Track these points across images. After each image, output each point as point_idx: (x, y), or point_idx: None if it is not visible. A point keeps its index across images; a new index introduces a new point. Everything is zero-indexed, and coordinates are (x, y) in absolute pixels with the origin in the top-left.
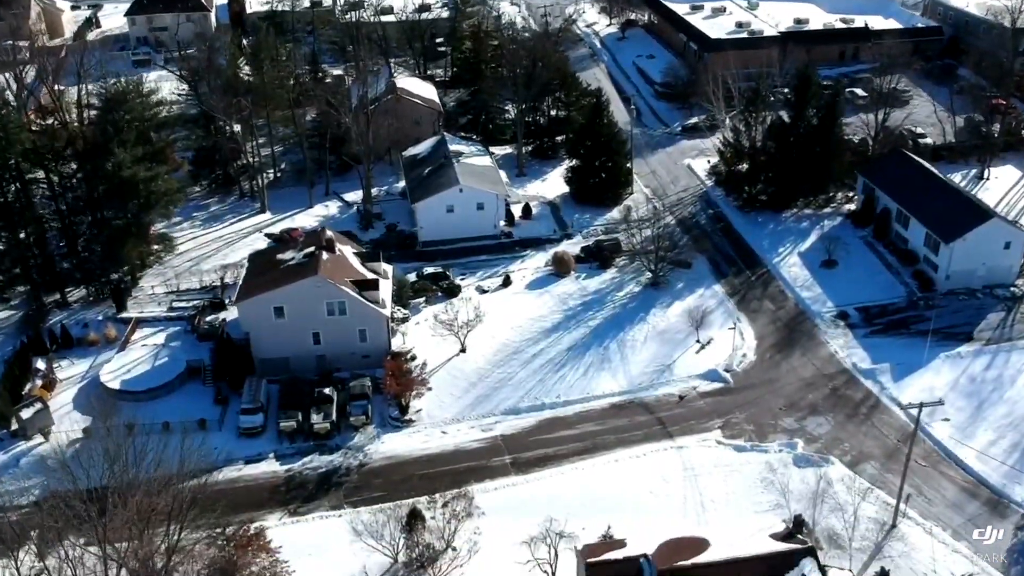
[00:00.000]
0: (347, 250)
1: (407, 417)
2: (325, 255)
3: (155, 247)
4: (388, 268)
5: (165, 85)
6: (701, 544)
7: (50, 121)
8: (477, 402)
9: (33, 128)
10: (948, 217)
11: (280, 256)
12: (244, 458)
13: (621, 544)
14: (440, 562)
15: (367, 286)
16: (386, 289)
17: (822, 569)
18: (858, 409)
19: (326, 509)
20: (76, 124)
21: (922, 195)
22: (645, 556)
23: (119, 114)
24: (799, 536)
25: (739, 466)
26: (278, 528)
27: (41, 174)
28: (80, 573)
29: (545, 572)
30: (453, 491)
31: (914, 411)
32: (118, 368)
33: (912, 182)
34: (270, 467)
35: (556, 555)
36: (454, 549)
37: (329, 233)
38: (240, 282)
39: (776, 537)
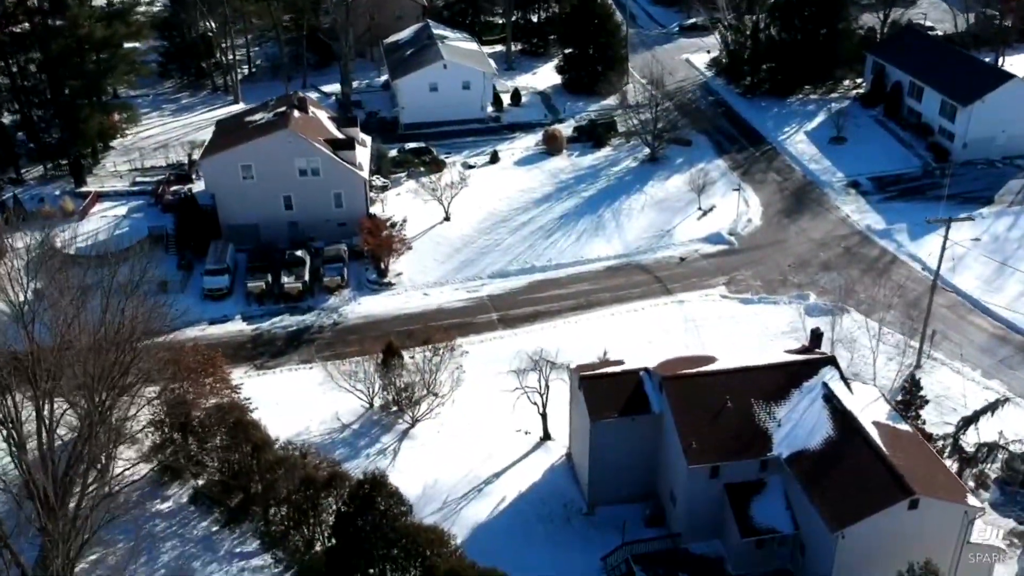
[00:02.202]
0: (321, 114)
1: (386, 280)
2: (297, 113)
3: (117, 117)
4: (367, 138)
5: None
6: (707, 360)
7: None
8: (462, 267)
9: None
10: (965, 81)
11: (249, 118)
12: (208, 319)
13: (619, 364)
14: (420, 405)
15: (343, 146)
16: (364, 156)
17: (845, 379)
18: (874, 265)
19: (296, 363)
20: None
21: (936, 65)
22: (646, 369)
23: None
24: (817, 351)
25: (745, 318)
26: (243, 380)
27: None
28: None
29: (535, 404)
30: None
31: (941, 224)
32: (75, 235)
33: (925, 54)
34: (236, 327)
35: (547, 386)
36: (435, 395)
37: (302, 94)
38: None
39: (792, 353)
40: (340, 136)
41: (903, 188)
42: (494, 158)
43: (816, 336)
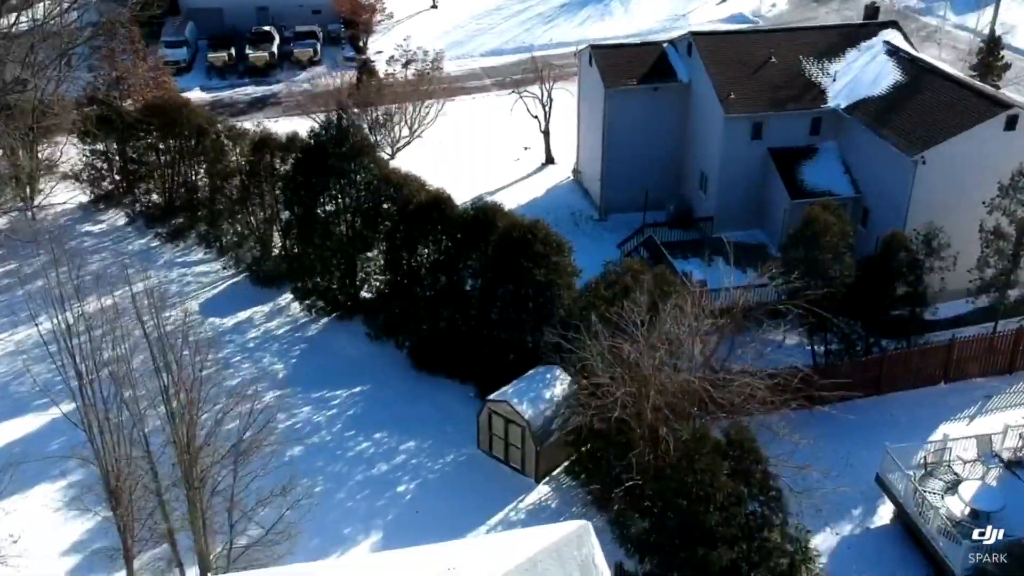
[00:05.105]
0: None
1: (364, 57)
2: None
3: None
4: None
5: None
6: None
7: None
8: (451, 47)
9: None
10: None
11: None
12: None
13: None
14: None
15: None
16: None
17: (910, 42)
18: (917, 34)
19: (259, 119)
20: None
21: None
22: (670, 41)
23: None
24: None
25: None
26: None
27: None
28: None
29: (535, 118)
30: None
31: None
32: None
33: None
34: (194, 96)
35: (550, 98)
36: (420, 137)
37: None
38: None
39: None
40: None
41: None
42: None
43: (873, 8)
